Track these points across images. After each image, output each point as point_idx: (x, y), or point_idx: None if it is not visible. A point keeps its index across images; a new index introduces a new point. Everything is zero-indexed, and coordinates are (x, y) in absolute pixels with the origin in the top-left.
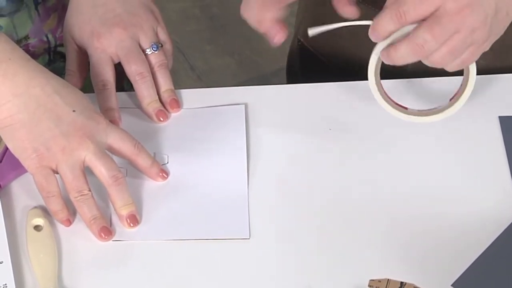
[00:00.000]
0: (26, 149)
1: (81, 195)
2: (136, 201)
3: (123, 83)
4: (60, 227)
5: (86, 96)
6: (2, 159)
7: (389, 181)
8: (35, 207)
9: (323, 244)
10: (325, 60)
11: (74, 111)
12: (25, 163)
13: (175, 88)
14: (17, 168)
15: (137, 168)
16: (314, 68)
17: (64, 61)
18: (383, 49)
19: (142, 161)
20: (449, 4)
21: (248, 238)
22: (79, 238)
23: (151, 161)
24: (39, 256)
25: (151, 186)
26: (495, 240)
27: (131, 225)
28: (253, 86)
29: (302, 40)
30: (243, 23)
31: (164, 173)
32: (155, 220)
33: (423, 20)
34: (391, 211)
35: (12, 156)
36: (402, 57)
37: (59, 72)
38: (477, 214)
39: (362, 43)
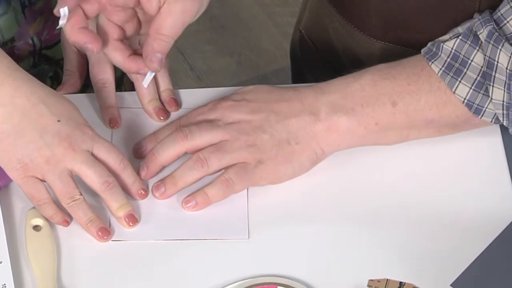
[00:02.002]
0: (11, 160)
1: (73, 200)
2: (135, 201)
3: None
4: (59, 227)
5: (74, 105)
6: None
7: (388, 181)
8: (34, 207)
9: (322, 244)
10: (319, 54)
11: (59, 121)
12: (10, 173)
13: (175, 88)
14: None
15: (119, 182)
16: (313, 59)
17: (49, 64)
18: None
19: (126, 177)
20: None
21: (248, 238)
22: (78, 238)
23: (133, 179)
24: (38, 256)
25: (150, 186)
26: (494, 240)
27: (131, 224)
28: None
29: (303, 31)
30: (243, 23)
31: (144, 192)
32: (154, 220)
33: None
34: (390, 210)
35: None
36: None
37: (44, 74)
38: (477, 214)
39: (353, 40)
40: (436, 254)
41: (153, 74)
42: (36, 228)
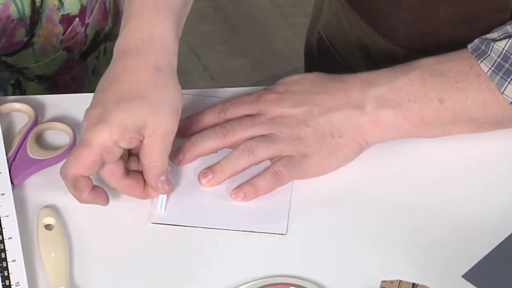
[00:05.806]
0: None
1: None
2: (177, 187)
3: None
4: (72, 226)
5: None
6: (14, 158)
7: (400, 182)
8: (46, 206)
9: (334, 244)
10: (338, 56)
11: None
12: None
13: (189, 88)
14: (30, 167)
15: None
16: (331, 61)
17: (10, 71)
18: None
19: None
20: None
21: (285, 234)
22: (90, 236)
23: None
24: (51, 255)
25: (193, 173)
26: (509, 236)
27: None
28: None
29: (321, 32)
30: (256, 24)
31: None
32: (194, 207)
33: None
34: (403, 211)
35: (25, 155)
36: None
37: (5, 81)
38: (491, 213)
39: (375, 47)
40: (449, 255)
41: (165, 196)
42: (48, 227)
